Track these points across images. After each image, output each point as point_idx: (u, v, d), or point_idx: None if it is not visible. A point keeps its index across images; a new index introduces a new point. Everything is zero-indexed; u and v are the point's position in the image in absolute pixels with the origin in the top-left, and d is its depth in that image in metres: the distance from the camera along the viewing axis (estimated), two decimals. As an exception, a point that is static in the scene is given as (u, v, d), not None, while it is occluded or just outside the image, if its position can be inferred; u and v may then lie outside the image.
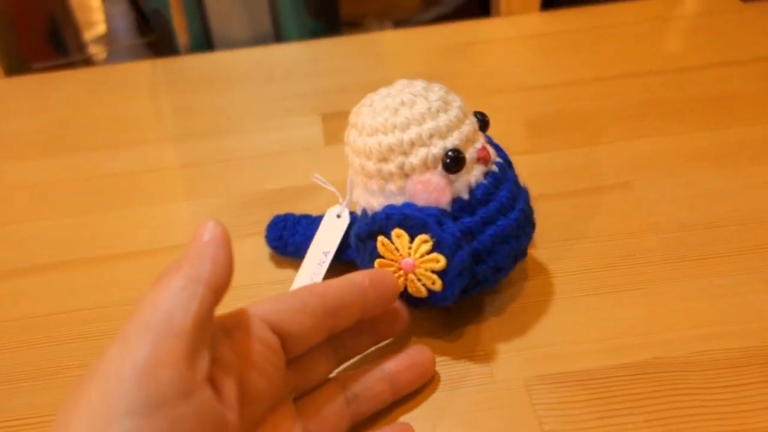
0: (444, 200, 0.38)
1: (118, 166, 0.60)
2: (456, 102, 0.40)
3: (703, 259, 0.46)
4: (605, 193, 0.52)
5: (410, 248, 0.38)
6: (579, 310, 0.43)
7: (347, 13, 1.00)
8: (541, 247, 0.47)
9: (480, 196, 0.39)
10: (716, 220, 0.48)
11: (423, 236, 0.37)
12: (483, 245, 0.38)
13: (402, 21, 1.03)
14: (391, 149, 0.38)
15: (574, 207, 0.51)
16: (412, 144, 0.37)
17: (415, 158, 0.37)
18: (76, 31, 1.18)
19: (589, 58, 0.69)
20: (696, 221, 0.48)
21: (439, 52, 0.73)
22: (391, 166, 0.38)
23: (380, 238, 0.39)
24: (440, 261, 0.37)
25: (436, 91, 0.39)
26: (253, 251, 0.50)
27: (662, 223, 0.49)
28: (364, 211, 0.41)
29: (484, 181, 0.39)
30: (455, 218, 0.38)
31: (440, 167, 0.38)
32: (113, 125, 0.66)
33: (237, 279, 0.31)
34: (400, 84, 0.40)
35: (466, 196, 0.39)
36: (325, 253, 0.44)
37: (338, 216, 0.45)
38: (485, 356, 0.41)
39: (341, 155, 0.42)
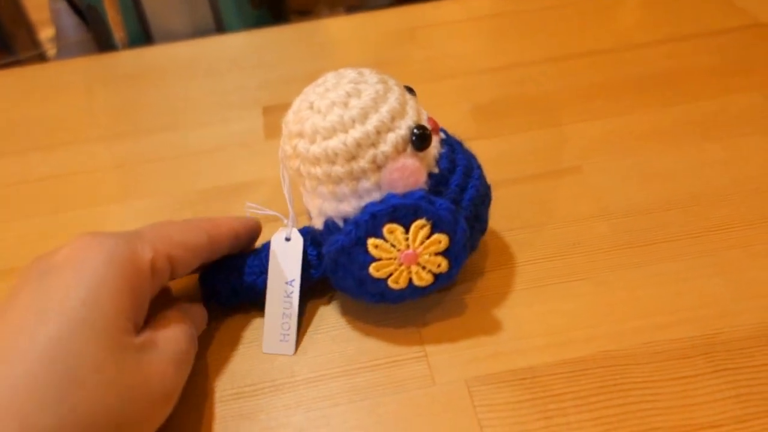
0: (421, 180, 0.36)
1: (46, 170, 0.57)
2: (391, 80, 0.38)
3: (651, 244, 0.44)
4: (554, 178, 0.50)
5: (407, 239, 0.36)
6: (524, 304, 0.41)
7: (298, 2, 0.98)
8: (485, 238, 0.45)
9: (446, 165, 0.37)
10: (667, 203, 0.47)
11: (419, 222, 0.35)
12: (468, 212, 0.37)
13: (355, 6, 1.00)
14: (359, 145, 0.35)
15: (520, 195, 0.49)
16: (379, 132, 0.35)
17: (386, 146, 0.35)
18: (29, 29, 1.14)
19: (538, 38, 0.67)
20: (646, 204, 0.47)
21: (387, 37, 0.71)
22: (362, 163, 0.35)
23: (371, 241, 0.36)
24: (443, 240, 0.36)
25: (372, 75, 0.37)
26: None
27: (612, 208, 0.47)
28: (331, 223, 0.38)
29: (443, 150, 0.38)
30: (437, 193, 0.36)
31: (409, 148, 0.36)
32: (43, 126, 0.63)
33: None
34: (330, 77, 0.37)
35: (436, 169, 0.37)
36: (290, 283, 0.40)
37: (287, 239, 0.40)
38: (425, 357, 0.39)
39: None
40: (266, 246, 0.41)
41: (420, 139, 0.35)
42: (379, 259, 0.36)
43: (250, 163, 0.55)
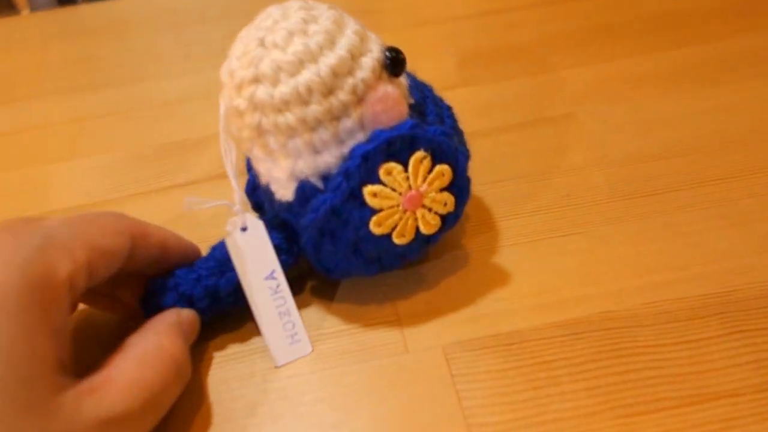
0: (404, 110, 0.31)
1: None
2: (336, 7, 0.32)
3: (653, 194, 0.39)
4: (544, 126, 0.45)
5: (408, 178, 0.30)
6: (510, 262, 0.36)
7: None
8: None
9: (417, 95, 0.33)
10: (668, 150, 0.42)
11: (418, 154, 0.30)
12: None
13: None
14: (335, 74, 0.29)
15: (507, 144, 0.44)
16: (353, 57, 0.30)
17: (364, 71, 0.30)
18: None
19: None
20: (646, 153, 0.42)
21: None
22: (342, 95, 0.30)
23: (367, 190, 0.30)
24: (446, 172, 0.31)
25: (314, 3, 0.32)
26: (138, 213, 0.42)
27: (608, 157, 0.42)
28: (308, 187, 0.31)
29: (408, 81, 0.33)
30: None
31: (384, 75, 0.31)
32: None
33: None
34: (273, 11, 0.31)
35: (411, 99, 0.32)
36: (271, 275, 0.33)
37: (243, 229, 0.33)
38: (397, 321, 0.34)
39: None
40: (216, 247, 0.34)
41: (395, 61, 0.31)
42: (380, 210, 0.30)
43: (212, 116, 0.50)
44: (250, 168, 0.36)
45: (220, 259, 0.33)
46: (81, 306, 0.35)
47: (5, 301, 0.24)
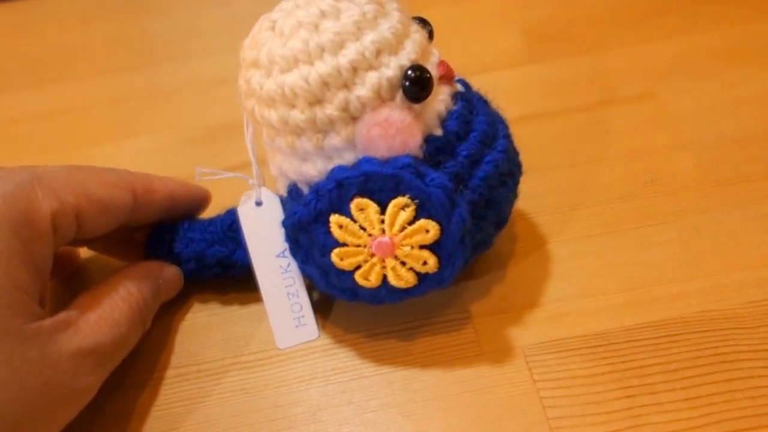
0: (413, 143, 0.27)
1: (36, 108, 0.51)
2: (393, 3, 0.28)
3: (749, 181, 0.36)
4: (621, 105, 0.41)
5: (382, 222, 0.26)
6: (590, 254, 0.33)
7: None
8: (540, 175, 0.37)
9: (456, 128, 0.28)
10: (762, 132, 0.38)
11: (399, 200, 0.26)
12: (477, 195, 0.28)
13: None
14: (324, 83, 0.26)
15: (582, 125, 0.40)
16: (355, 69, 0.26)
17: (363, 89, 0.26)
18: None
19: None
20: (738, 134, 0.38)
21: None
22: (329, 109, 0.26)
23: (334, 219, 0.27)
24: (431, 229, 0.26)
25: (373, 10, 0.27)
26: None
27: (696, 138, 0.38)
28: (294, 188, 0.29)
29: (455, 107, 0.28)
30: (435, 165, 0.27)
31: (399, 96, 0.26)
32: (35, 62, 0.56)
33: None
34: (300, 5, 0.27)
35: (438, 131, 0.28)
36: (283, 254, 0.31)
37: (258, 204, 0.32)
38: (468, 319, 0.31)
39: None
40: (227, 214, 0.33)
41: (415, 84, 0.26)
42: (344, 244, 0.27)
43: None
44: None
45: (222, 226, 0.33)
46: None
47: None
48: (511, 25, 0.50)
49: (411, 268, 0.27)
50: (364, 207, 0.26)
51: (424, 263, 0.27)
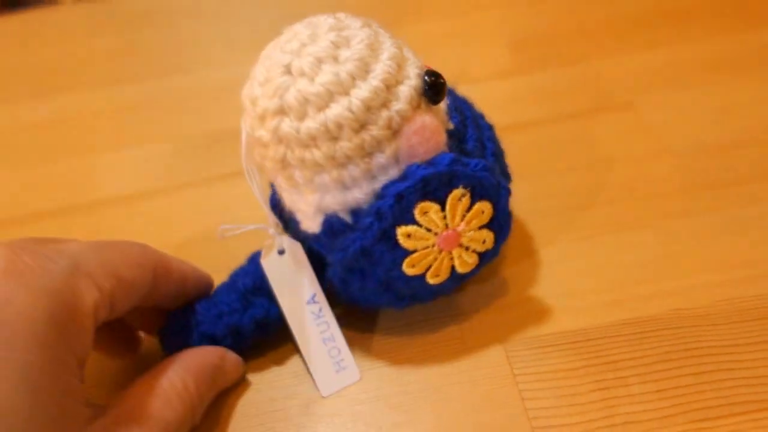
0: (443, 141, 0.28)
1: (38, 117, 0.52)
2: (372, 23, 0.29)
3: (722, 187, 0.37)
4: (604, 114, 0.43)
5: (445, 218, 0.28)
6: (572, 256, 0.35)
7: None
8: (525, 182, 0.38)
9: (457, 119, 0.30)
10: (739, 140, 0.40)
11: (455, 192, 0.27)
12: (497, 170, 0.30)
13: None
14: (368, 108, 0.26)
15: (565, 133, 0.42)
16: (388, 87, 0.26)
17: (400, 103, 0.27)
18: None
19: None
20: (715, 142, 0.40)
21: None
22: (374, 131, 0.26)
23: (401, 231, 0.27)
24: (486, 209, 0.28)
25: (350, 18, 0.28)
26: (186, 204, 0.42)
27: (675, 146, 0.40)
28: (335, 221, 0.28)
29: (449, 101, 0.30)
30: (462, 153, 0.29)
31: (423, 102, 0.28)
32: (39, 73, 0.58)
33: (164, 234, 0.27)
34: (300, 29, 0.28)
35: (450, 125, 0.29)
36: (312, 300, 0.31)
37: (281, 252, 0.31)
38: (456, 317, 0.33)
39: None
40: (237, 274, 0.33)
41: (435, 88, 0.27)
42: (414, 251, 0.28)
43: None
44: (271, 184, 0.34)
45: (243, 290, 0.32)
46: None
47: (33, 332, 0.23)
48: (499, 38, 0.51)
49: (473, 251, 0.29)
50: (427, 210, 0.27)
51: (484, 241, 0.29)
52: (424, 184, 0.27)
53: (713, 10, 0.51)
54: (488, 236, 0.29)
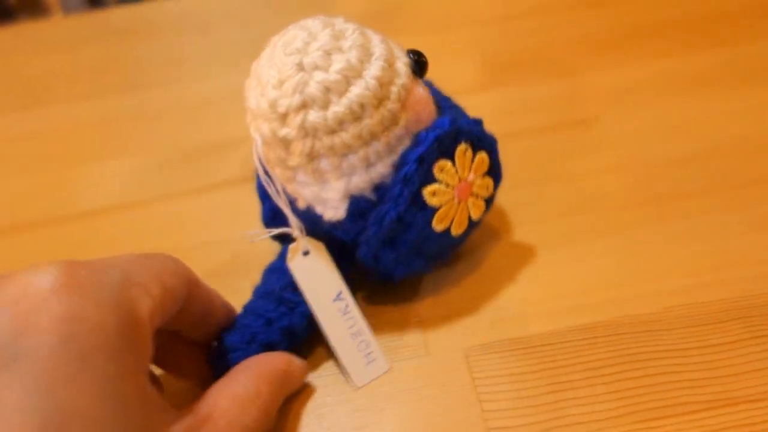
0: (434, 108, 0.32)
1: (23, 129, 0.54)
2: (349, 20, 0.32)
3: (676, 199, 0.39)
4: (567, 130, 0.45)
5: (457, 171, 0.31)
6: (532, 266, 0.37)
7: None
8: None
9: (432, 89, 0.33)
10: (693, 154, 0.42)
11: (461, 147, 0.31)
12: None
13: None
14: (381, 84, 0.29)
15: (529, 148, 0.44)
16: (390, 65, 0.30)
17: (402, 77, 0.30)
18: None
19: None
20: (670, 157, 0.42)
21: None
22: (390, 105, 0.30)
23: (427, 190, 0.31)
24: (485, 158, 0.33)
25: (329, 19, 0.31)
26: (167, 216, 0.43)
27: (632, 161, 0.42)
28: (363, 202, 0.31)
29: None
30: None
31: (412, 76, 0.31)
32: (24, 85, 0.59)
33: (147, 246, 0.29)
34: (296, 32, 0.30)
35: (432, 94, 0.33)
36: (339, 297, 0.33)
37: (305, 253, 0.33)
38: (419, 324, 0.34)
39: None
40: (261, 290, 0.34)
41: (420, 63, 0.31)
42: (440, 207, 0.31)
43: (235, 121, 0.50)
44: (265, 197, 0.36)
45: (281, 294, 0.33)
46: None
47: (107, 344, 0.23)
48: (472, 56, 0.53)
49: (481, 197, 0.33)
50: (443, 167, 0.31)
51: (488, 188, 0.33)
52: (438, 144, 0.30)
53: (677, 29, 0.53)
54: (489, 183, 0.33)
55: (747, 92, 0.46)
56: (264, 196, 0.36)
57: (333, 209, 0.32)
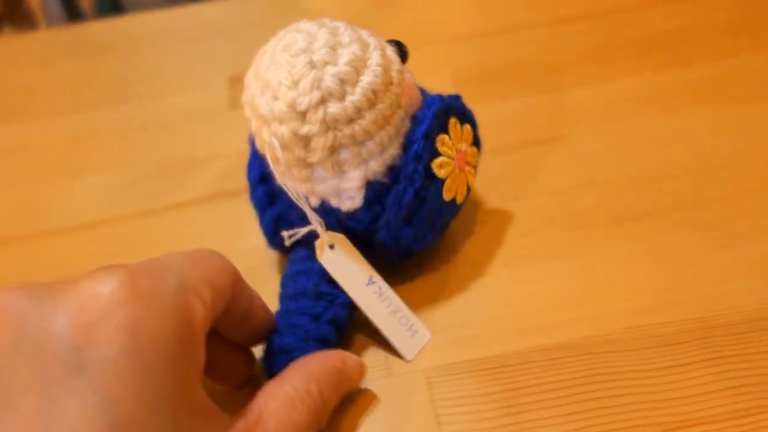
0: (418, 90, 0.35)
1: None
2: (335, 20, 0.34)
3: (641, 217, 0.39)
4: (535, 148, 0.45)
5: (453, 144, 0.34)
6: (496, 285, 0.37)
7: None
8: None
9: None
10: (659, 172, 0.42)
11: (452, 121, 0.34)
12: None
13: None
14: (384, 70, 0.31)
15: (497, 166, 0.44)
16: (383, 53, 0.32)
17: (395, 63, 0.32)
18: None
19: (524, 0, 0.62)
20: (637, 175, 0.42)
21: (371, 1, 0.66)
22: (394, 88, 0.32)
23: (435, 163, 0.33)
24: (469, 129, 0.35)
25: (317, 20, 0.33)
26: (138, 233, 0.43)
27: (599, 178, 0.42)
28: (377, 186, 0.33)
29: None
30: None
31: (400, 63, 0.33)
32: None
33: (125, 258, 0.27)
34: (294, 35, 0.31)
35: None
36: (371, 282, 0.34)
37: (331, 247, 0.34)
38: (380, 344, 0.34)
39: (246, 120, 0.35)
40: (286, 292, 0.34)
41: (403, 51, 0.34)
42: (447, 178, 0.34)
43: (210, 136, 0.51)
44: (264, 207, 0.36)
45: (316, 293, 0.33)
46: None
47: (165, 354, 0.23)
48: (443, 73, 0.54)
49: (472, 165, 0.36)
50: (443, 140, 0.33)
51: (475, 156, 0.36)
52: (437, 119, 0.33)
53: (643, 46, 0.53)
54: (475, 151, 0.36)
55: (715, 110, 0.46)
56: (264, 206, 0.36)
57: (350, 199, 0.33)
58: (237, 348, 0.32)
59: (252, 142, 0.36)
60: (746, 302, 0.34)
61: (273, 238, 0.36)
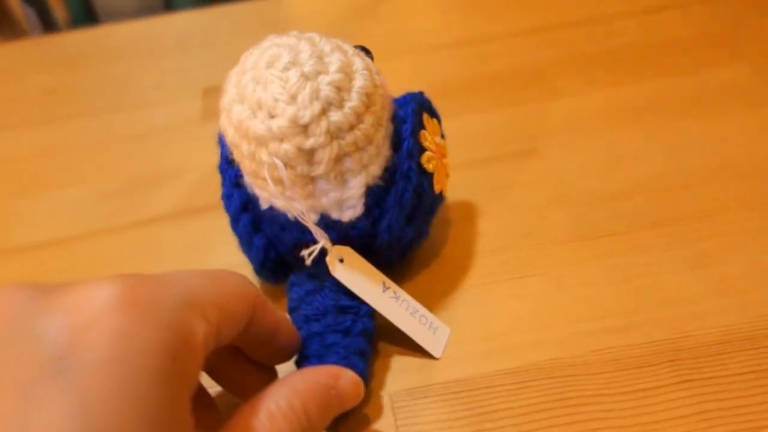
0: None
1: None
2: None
3: (612, 235, 0.39)
4: (507, 162, 0.45)
5: (431, 138, 0.35)
6: (464, 305, 0.36)
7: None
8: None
9: None
10: (633, 189, 0.41)
11: (425, 115, 0.35)
12: None
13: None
14: (371, 74, 0.32)
15: (469, 180, 0.43)
16: (363, 58, 0.32)
17: (374, 66, 0.33)
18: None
19: (504, 12, 0.61)
20: (610, 191, 0.41)
21: (347, 12, 0.65)
22: (381, 90, 0.32)
23: (424, 158, 0.34)
24: (437, 123, 0.36)
25: (292, 33, 0.32)
26: (105, 250, 0.42)
27: (571, 194, 0.41)
28: (376, 188, 0.33)
29: None
30: None
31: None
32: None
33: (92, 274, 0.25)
34: (279, 55, 0.30)
35: None
36: (385, 287, 0.34)
37: (341, 260, 0.33)
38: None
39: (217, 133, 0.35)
40: (301, 315, 0.33)
41: (371, 55, 0.33)
42: (434, 171, 0.34)
43: (182, 149, 0.50)
44: (250, 236, 0.35)
45: (338, 308, 0.33)
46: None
47: (152, 367, 0.22)
48: (418, 83, 0.53)
49: (446, 156, 0.37)
50: (425, 136, 0.34)
51: (446, 148, 0.37)
52: (417, 116, 0.34)
53: (615, 61, 0.53)
54: (445, 143, 0.37)
55: (692, 124, 0.46)
56: (250, 235, 0.35)
57: (351, 208, 0.32)
58: (261, 368, 0.32)
59: (224, 170, 0.35)
60: (718, 323, 0.33)
61: (264, 265, 0.35)
